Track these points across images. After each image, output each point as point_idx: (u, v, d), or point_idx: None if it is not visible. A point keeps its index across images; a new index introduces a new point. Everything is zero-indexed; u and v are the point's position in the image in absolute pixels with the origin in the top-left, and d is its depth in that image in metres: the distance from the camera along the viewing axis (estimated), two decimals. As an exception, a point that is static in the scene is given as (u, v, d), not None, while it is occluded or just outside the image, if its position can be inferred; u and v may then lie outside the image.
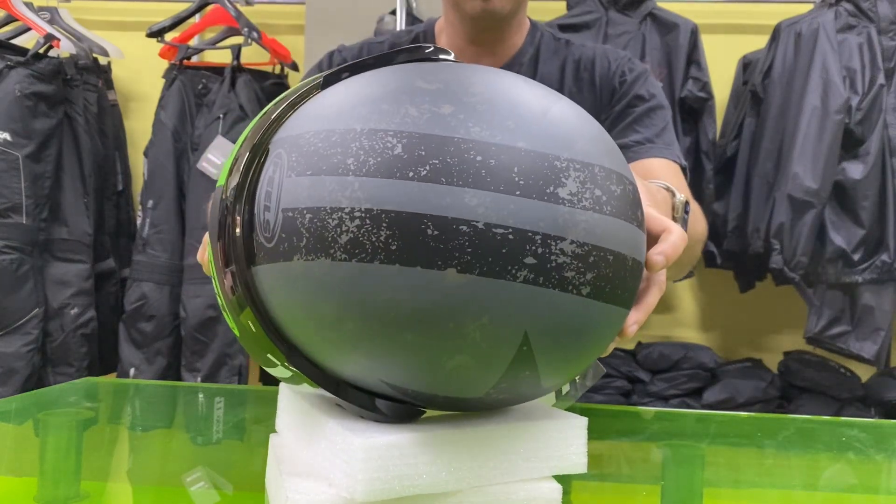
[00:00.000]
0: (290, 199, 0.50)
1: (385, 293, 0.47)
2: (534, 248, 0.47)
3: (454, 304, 0.47)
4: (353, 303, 0.48)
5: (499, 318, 0.48)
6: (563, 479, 0.58)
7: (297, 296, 0.51)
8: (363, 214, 0.47)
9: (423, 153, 0.48)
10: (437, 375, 0.50)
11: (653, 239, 0.62)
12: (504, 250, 0.47)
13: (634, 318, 0.58)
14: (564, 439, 0.58)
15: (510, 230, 0.47)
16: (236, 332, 0.58)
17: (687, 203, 0.82)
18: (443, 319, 0.47)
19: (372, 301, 0.48)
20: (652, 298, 0.61)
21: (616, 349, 2.36)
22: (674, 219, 0.79)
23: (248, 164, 0.54)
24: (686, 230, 0.82)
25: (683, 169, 1.15)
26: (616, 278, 0.51)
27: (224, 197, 0.55)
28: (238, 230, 0.53)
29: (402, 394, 0.53)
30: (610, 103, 1.19)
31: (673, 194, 0.82)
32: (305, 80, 0.59)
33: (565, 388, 0.70)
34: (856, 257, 2.16)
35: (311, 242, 0.49)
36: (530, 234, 0.47)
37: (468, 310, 0.47)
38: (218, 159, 2.20)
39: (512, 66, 1.20)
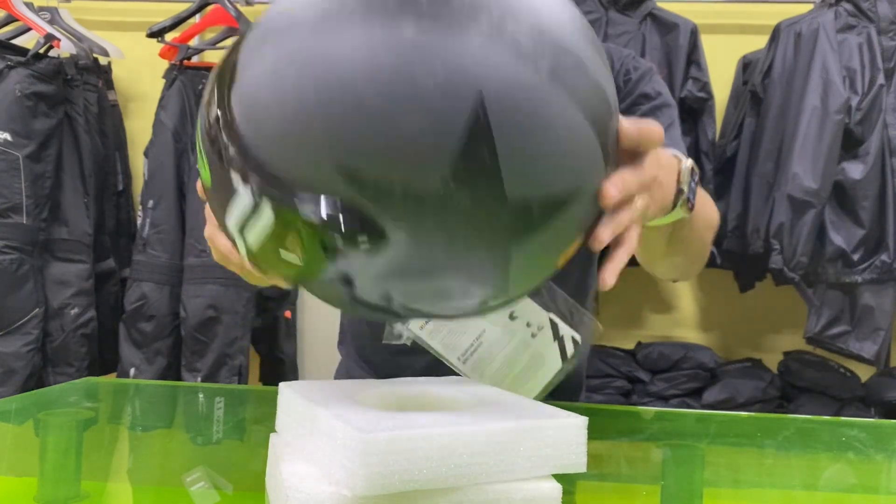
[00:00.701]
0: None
1: (344, 48, 0.48)
2: (492, 10, 0.50)
3: (412, 58, 0.48)
4: (315, 62, 0.49)
5: (455, 72, 0.48)
6: (564, 479, 0.58)
7: (265, 77, 0.51)
8: None
9: None
10: (393, 145, 0.48)
11: (628, 154, 0.63)
12: (464, 3, 0.49)
13: (610, 270, 0.60)
14: (564, 439, 0.58)
15: None
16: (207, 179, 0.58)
17: (694, 169, 0.82)
18: (400, 75, 0.48)
19: (332, 58, 0.49)
20: (623, 255, 0.62)
21: (616, 349, 2.38)
22: (679, 185, 0.79)
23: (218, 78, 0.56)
24: (693, 200, 0.81)
25: None
26: (572, 69, 0.52)
27: (208, 128, 0.56)
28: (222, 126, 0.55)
29: (360, 188, 0.50)
30: None
31: (680, 161, 0.81)
32: None
33: (570, 350, 0.70)
34: (855, 257, 2.16)
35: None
36: None
37: (425, 63, 0.48)
38: (218, 159, 2.19)
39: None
